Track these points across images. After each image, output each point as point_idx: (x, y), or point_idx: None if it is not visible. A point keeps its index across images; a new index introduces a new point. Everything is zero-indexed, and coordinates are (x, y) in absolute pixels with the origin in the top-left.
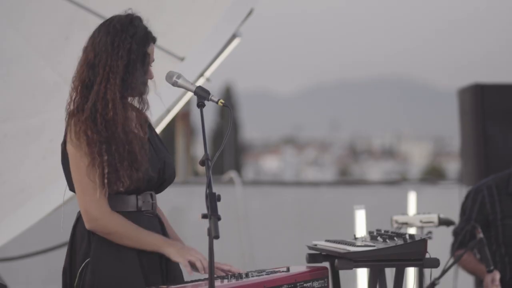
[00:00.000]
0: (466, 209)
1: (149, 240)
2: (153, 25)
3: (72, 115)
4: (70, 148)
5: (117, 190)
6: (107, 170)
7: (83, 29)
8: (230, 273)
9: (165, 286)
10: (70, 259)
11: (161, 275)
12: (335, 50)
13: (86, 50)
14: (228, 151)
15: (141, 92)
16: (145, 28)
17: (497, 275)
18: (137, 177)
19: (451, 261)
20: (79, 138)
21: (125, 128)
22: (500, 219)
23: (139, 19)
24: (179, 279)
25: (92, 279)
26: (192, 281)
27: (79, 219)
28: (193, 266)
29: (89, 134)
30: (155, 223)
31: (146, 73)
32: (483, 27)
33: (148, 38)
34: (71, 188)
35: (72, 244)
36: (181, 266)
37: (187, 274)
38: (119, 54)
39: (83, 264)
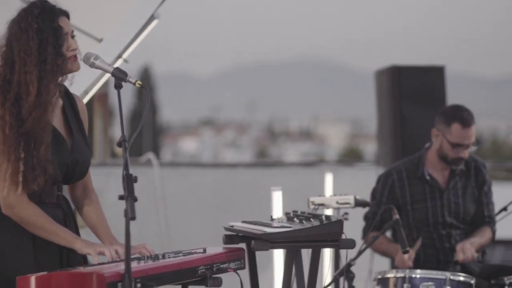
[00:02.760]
0: (376, 193)
1: (61, 234)
2: (71, 6)
3: None
4: None
5: (33, 189)
6: (23, 169)
7: (2, 10)
8: (146, 255)
9: (81, 267)
10: None
11: (61, 267)
12: (253, 32)
13: (1, 50)
14: (146, 132)
15: (60, 66)
16: (51, 5)
17: (412, 254)
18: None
19: (366, 242)
20: None
21: (43, 120)
22: (410, 203)
23: (42, 0)
24: None
25: None
26: (109, 262)
27: None
28: (102, 255)
29: (7, 132)
30: (58, 213)
31: (62, 46)
32: (400, 9)
33: (55, 12)
34: None
35: None
36: (90, 257)
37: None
38: (29, 36)
39: None
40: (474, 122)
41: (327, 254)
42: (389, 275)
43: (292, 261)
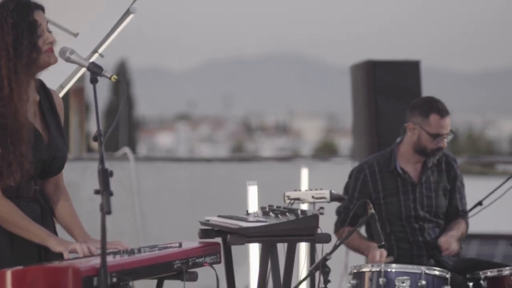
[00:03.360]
0: (348, 188)
1: (34, 231)
2: (47, 0)
3: None
4: None
5: (9, 184)
6: (0, 164)
7: None
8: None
9: (57, 261)
10: None
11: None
12: (229, 26)
13: None
14: (122, 127)
15: (35, 60)
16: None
17: (384, 252)
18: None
19: (343, 236)
20: None
21: (19, 114)
22: (383, 197)
23: None
24: None
25: None
26: (85, 256)
27: None
28: (74, 252)
29: None
30: (35, 208)
31: (37, 40)
32: (376, 4)
33: (30, 6)
34: None
35: None
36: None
37: None
38: (4, 31)
39: None
40: (449, 112)
41: (302, 248)
42: (364, 269)
43: (267, 255)
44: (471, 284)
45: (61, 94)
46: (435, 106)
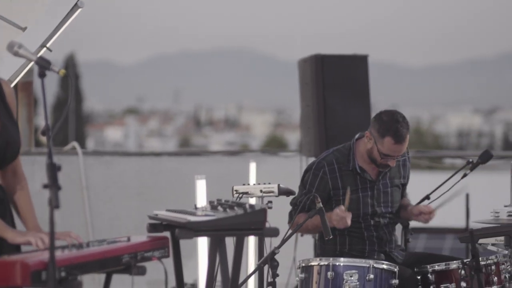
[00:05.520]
0: (306, 183)
1: None
2: None
3: None
4: None
5: None
6: None
7: None
8: (70, 243)
9: (6, 256)
10: None
11: None
12: (178, 20)
13: None
14: (71, 121)
15: None
16: None
17: (341, 207)
18: None
19: (290, 230)
20: None
21: None
22: (342, 194)
23: None
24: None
25: None
26: (33, 251)
27: None
28: (29, 244)
29: None
30: None
31: None
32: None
33: None
34: None
35: None
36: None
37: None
38: None
39: None
40: (407, 134)
41: (251, 242)
42: (313, 263)
43: (216, 249)
44: (419, 277)
45: None
46: (393, 128)
